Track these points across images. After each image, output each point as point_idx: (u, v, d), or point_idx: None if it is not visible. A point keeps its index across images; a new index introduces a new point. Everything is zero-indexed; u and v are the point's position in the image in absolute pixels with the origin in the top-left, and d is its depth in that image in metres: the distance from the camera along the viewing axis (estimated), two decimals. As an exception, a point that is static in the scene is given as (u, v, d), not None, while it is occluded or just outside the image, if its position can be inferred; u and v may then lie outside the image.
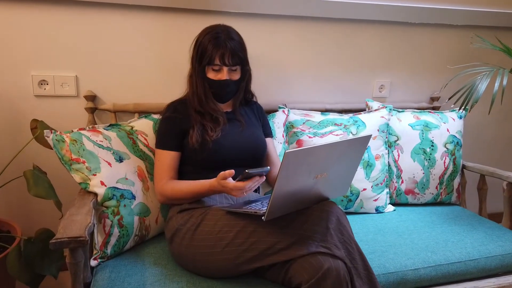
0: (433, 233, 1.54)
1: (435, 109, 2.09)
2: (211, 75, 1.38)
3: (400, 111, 1.88)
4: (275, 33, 1.83)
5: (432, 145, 1.80)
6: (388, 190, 1.78)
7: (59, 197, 1.39)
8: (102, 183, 1.28)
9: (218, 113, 1.40)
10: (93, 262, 1.26)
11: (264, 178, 1.17)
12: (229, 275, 1.18)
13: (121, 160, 1.36)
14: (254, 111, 1.55)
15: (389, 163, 1.80)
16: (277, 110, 1.76)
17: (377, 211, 1.74)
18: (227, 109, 1.48)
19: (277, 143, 1.65)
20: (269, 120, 1.66)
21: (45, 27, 1.56)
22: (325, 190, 1.16)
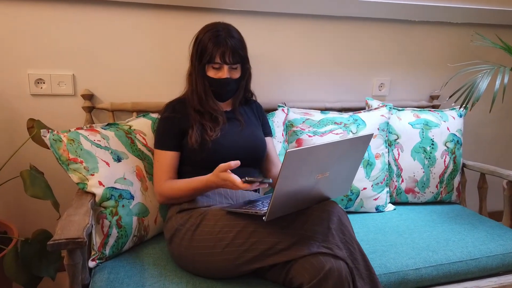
0: (433, 232, 1.53)
1: (435, 107, 2.08)
2: (211, 73, 1.36)
3: (400, 110, 1.88)
4: (274, 31, 1.82)
5: (432, 144, 1.79)
6: (388, 189, 1.77)
7: (57, 197, 1.37)
8: (100, 183, 1.26)
9: (217, 112, 1.39)
10: (91, 263, 1.25)
11: (265, 185, 1.15)
12: (229, 276, 1.17)
13: (119, 159, 1.34)
14: (253, 110, 1.54)
15: (389, 162, 1.79)
16: (276, 108, 1.75)
17: (378, 210, 1.73)
18: (227, 108, 1.46)
19: (276, 142, 1.64)
20: (269, 119, 1.65)
21: (41, 25, 1.54)
22: (326, 189, 1.14)
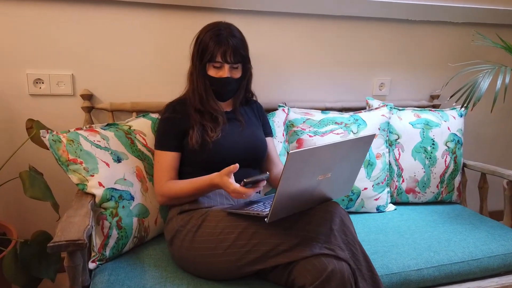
0: (435, 233, 1.52)
1: (435, 107, 2.08)
2: (212, 72, 1.35)
3: (400, 110, 1.87)
4: (275, 31, 1.81)
5: (433, 144, 1.79)
6: (389, 189, 1.77)
7: (56, 198, 1.36)
8: (100, 184, 1.25)
9: (217, 112, 1.38)
10: (91, 264, 1.24)
11: (264, 182, 1.15)
12: (231, 277, 1.16)
13: (119, 160, 1.33)
14: (254, 111, 1.53)
15: (390, 162, 1.79)
16: (277, 108, 1.74)
17: (378, 210, 1.73)
18: (227, 108, 1.45)
19: (277, 142, 1.63)
20: (269, 119, 1.64)
21: (40, 25, 1.53)
22: (328, 190, 1.14)
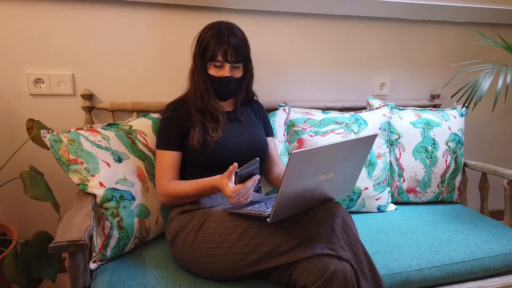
0: (436, 232, 1.52)
1: (436, 106, 2.08)
2: (213, 71, 1.35)
3: (401, 109, 1.87)
4: (276, 30, 1.80)
5: (433, 143, 1.79)
6: (389, 189, 1.77)
7: (56, 198, 1.35)
8: (101, 184, 1.25)
9: (218, 111, 1.37)
10: (92, 265, 1.24)
11: (258, 176, 1.13)
12: (232, 277, 1.16)
13: (120, 160, 1.33)
14: (255, 111, 1.53)
15: (390, 161, 1.79)
16: (277, 108, 1.74)
17: (379, 210, 1.72)
18: (228, 108, 1.45)
19: (278, 142, 1.63)
20: (270, 118, 1.64)
21: (40, 24, 1.53)
22: (330, 190, 1.14)
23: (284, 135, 1.67)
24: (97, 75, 1.62)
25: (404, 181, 1.79)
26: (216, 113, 1.37)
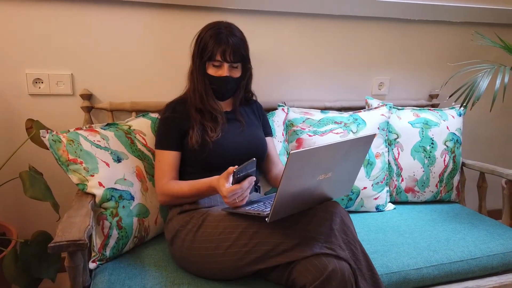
0: (434, 232, 1.53)
1: (434, 106, 2.09)
2: (212, 71, 1.35)
3: (400, 109, 1.87)
4: (274, 30, 1.81)
5: (432, 143, 1.79)
6: (388, 188, 1.77)
7: (56, 198, 1.36)
8: (100, 184, 1.25)
9: (217, 111, 1.38)
10: (91, 264, 1.24)
11: (254, 178, 1.14)
12: (231, 277, 1.17)
13: (119, 160, 1.33)
14: (254, 110, 1.53)
15: (389, 161, 1.79)
16: (276, 108, 1.75)
17: (378, 209, 1.73)
18: (227, 108, 1.45)
19: (277, 142, 1.63)
20: (269, 118, 1.64)
21: (39, 24, 1.53)
22: (328, 190, 1.14)
23: (283, 134, 1.68)
24: (96, 75, 1.63)
25: (402, 180, 1.79)
26: (215, 113, 1.37)
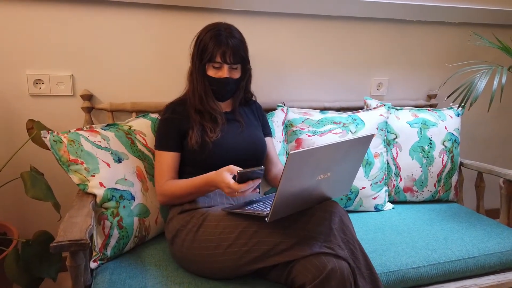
0: (432, 231, 1.54)
1: (433, 106, 2.10)
2: (211, 72, 1.36)
3: (398, 109, 1.89)
4: (273, 31, 1.82)
5: (430, 143, 1.81)
6: (387, 188, 1.78)
7: (56, 198, 1.36)
8: (101, 184, 1.26)
9: (216, 112, 1.39)
10: (92, 264, 1.25)
11: (259, 180, 1.15)
12: (231, 276, 1.18)
13: (119, 160, 1.34)
14: (253, 111, 1.54)
15: (387, 161, 1.80)
16: (275, 108, 1.75)
17: (376, 209, 1.74)
18: (227, 109, 1.46)
19: (276, 142, 1.64)
20: (268, 119, 1.65)
21: (40, 25, 1.53)
22: (327, 190, 1.15)
23: (282, 135, 1.69)
24: (96, 75, 1.63)
25: (401, 180, 1.81)
26: (214, 113, 1.38)
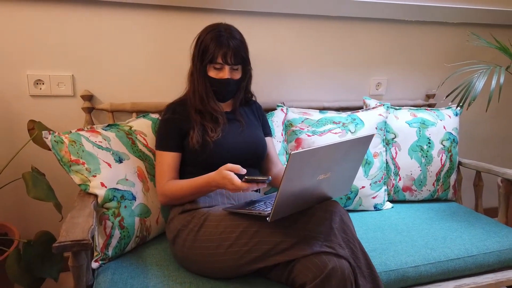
0: (431, 230, 1.55)
1: (431, 106, 2.11)
2: (213, 73, 1.37)
3: (397, 109, 1.90)
4: (273, 31, 1.82)
5: (429, 142, 1.82)
6: (386, 187, 1.79)
7: (58, 199, 1.37)
8: (102, 184, 1.27)
9: (218, 112, 1.39)
10: (94, 264, 1.25)
11: (264, 185, 1.16)
12: (232, 276, 1.18)
13: (120, 160, 1.35)
14: (253, 111, 1.55)
15: (387, 160, 1.81)
16: (275, 108, 1.76)
17: (376, 208, 1.75)
18: (227, 109, 1.47)
19: (276, 142, 1.65)
20: (268, 118, 1.66)
21: (40, 25, 1.54)
22: (328, 189, 1.16)
23: (282, 135, 1.69)
24: (96, 76, 1.64)
25: (400, 179, 1.82)
26: (215, 114, 1.39)
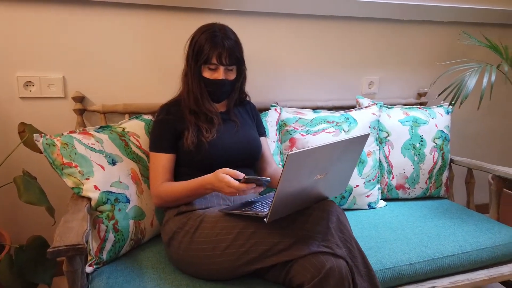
0: (425, 227, 1.56)
1: (423, 104, 2.13)
2: (207, 74, 1.36)
3: (389, 108, 1.91)
4: (266, 31, 1.82)
5: (421, 141, 1.83)
6: (379, 186, 1.80)
7: (50, 202, 1.35)
8: (95, 187, 1.25)
9: (212, 113, 1.38)
10: (88, 268, 1.23)
11: (262, 188, 1.15)
12: (229, 277, 1.17)
13: (114, 163, 1.33)
14: (247, 111, 1.54)
15: (380, 159, 1.82)
16: (269, 108, 1.76)
17: (370, 207, 1.76)
18: (221, 109, 1.46)
19: (270, 142, 1.65)
20: (262, 118, 1.65)
21: (30, 27, 1.51)
22: (324, 189, 1.16)
23: (276, 134, 1.69)
24: (88, 77, 1.61)
25: (393, 178, 1.83)
26: (210, 114, 1.38)
